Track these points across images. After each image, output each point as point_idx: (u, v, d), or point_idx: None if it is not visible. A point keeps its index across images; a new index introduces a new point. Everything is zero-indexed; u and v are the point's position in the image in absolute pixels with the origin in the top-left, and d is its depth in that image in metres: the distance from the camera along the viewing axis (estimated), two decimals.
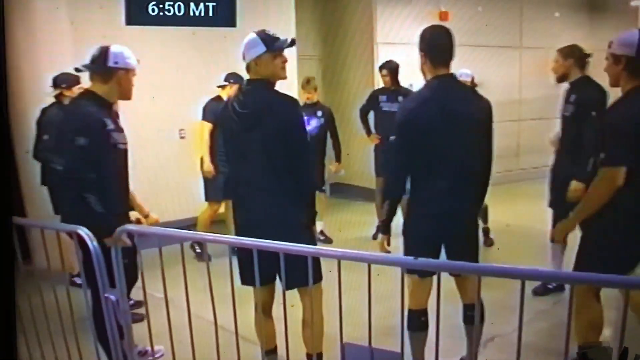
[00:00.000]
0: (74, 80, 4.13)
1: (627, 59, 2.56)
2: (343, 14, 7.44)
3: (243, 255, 2.55)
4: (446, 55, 2.71)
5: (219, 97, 5.03)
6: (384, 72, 5.48)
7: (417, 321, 2.75)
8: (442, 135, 2.64)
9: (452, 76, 2.77)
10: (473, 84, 4.89)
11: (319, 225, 5.59)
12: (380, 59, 6.57)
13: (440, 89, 2.69)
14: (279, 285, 2.61)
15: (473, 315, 2.73)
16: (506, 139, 7.42)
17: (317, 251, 2.38)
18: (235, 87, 4.85)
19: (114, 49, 2.79)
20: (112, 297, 2.41)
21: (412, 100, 2.83)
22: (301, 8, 6.53)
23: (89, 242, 2.37)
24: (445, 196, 2.66)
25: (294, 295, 2.67)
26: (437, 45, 2.70)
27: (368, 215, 5.83)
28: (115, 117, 2.84)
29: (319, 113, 5.33)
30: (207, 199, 5.15)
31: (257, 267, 2.22)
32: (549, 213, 4.01)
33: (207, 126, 4.99)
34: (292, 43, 2.66)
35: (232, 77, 4.96)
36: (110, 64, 2.75)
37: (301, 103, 4.60)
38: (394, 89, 5.43)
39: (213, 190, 5.04)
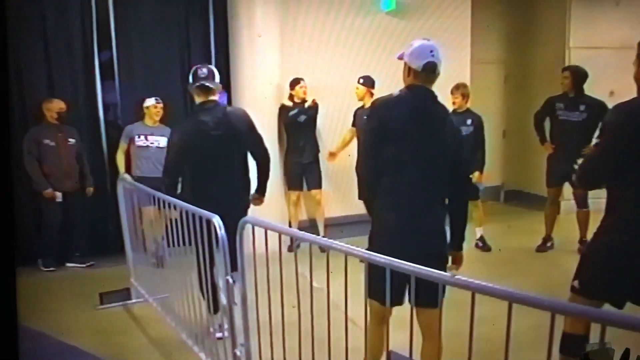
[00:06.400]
0: None
1: None
2: (529, 14, 7.06)
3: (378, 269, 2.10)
4: None
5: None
6: (566, 73, 5.15)
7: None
8: None
9: None
10: None
11: (478, 232, 5.49)
12: (573, 64, 6.16)
13: None
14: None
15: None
16: None
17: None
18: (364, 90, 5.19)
19: None
20: (231, 280, 2.74)
21: None
22: (479, 6, 6.29)
23: (218, 231, 2.68)
24: None
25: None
26: None
27: (538, 225, 5.57)
28: None
29: (469, 121, 5.10)
30: None
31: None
32: None
33: None
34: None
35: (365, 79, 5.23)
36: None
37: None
38: (573, 96, 5.09)
39: None
